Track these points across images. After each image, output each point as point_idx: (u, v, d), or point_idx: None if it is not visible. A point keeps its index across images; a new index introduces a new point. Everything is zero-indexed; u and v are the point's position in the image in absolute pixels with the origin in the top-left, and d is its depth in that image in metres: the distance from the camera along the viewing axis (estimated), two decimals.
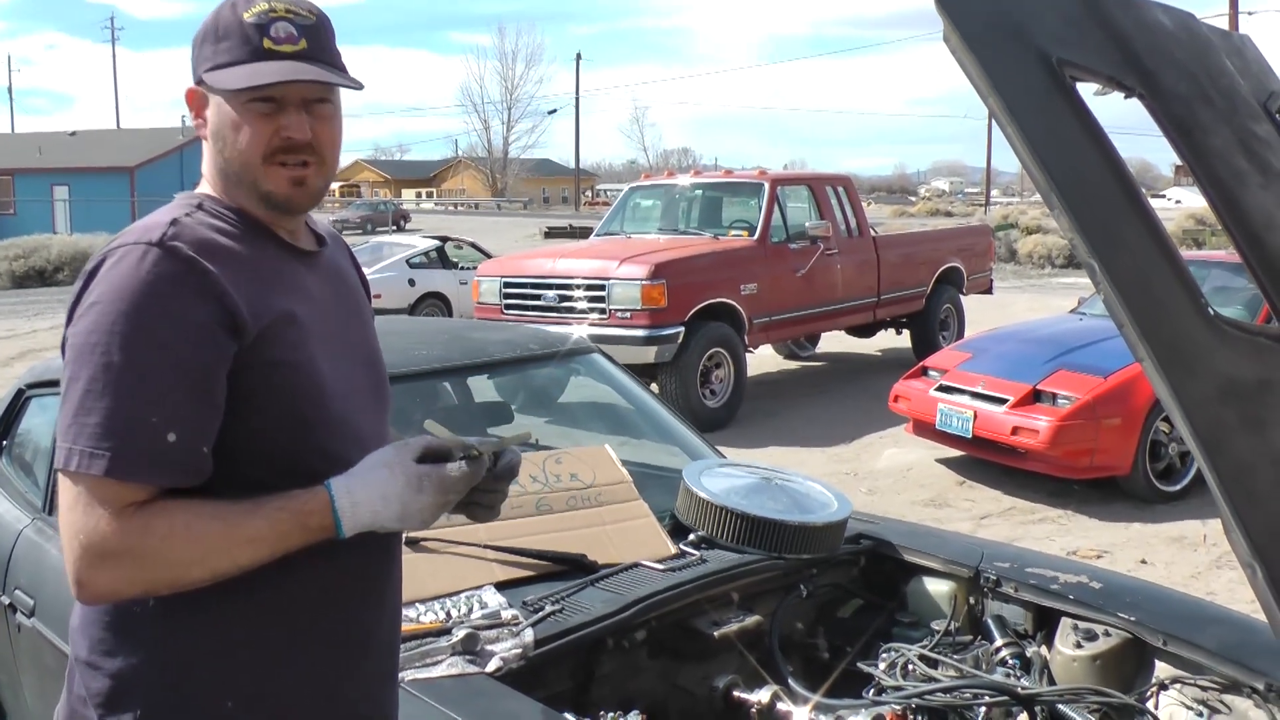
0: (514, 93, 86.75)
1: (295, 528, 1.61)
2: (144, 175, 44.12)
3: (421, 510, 1.65)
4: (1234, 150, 1.87)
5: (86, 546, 1.53)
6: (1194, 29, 2.01)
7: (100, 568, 1.54)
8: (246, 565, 1.59)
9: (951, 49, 1.50)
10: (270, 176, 1.73)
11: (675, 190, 13.09)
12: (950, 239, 15.18)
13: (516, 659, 2.56)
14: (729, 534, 3.20)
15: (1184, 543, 7.15)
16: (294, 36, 1.72)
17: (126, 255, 1.61)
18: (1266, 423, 1.63)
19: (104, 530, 1.53)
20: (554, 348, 4.24)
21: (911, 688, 2.74)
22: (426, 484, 1.65)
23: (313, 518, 1.62)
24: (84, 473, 1.53)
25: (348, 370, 1.80)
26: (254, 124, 1.71)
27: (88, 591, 1.57)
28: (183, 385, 1.57)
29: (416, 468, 1.65)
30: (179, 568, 1.57)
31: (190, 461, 1.58)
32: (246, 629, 1.68)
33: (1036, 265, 29.53)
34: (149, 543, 1.54)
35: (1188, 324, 1.59)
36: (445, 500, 1.68)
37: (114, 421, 1.54)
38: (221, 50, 1.72)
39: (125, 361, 1.55)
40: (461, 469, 1.68)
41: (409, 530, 1.70)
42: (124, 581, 1.56)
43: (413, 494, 1.64)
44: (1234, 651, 2.70)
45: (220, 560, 1.58)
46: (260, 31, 1.71)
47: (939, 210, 56.12)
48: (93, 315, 1.58)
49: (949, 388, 8.69)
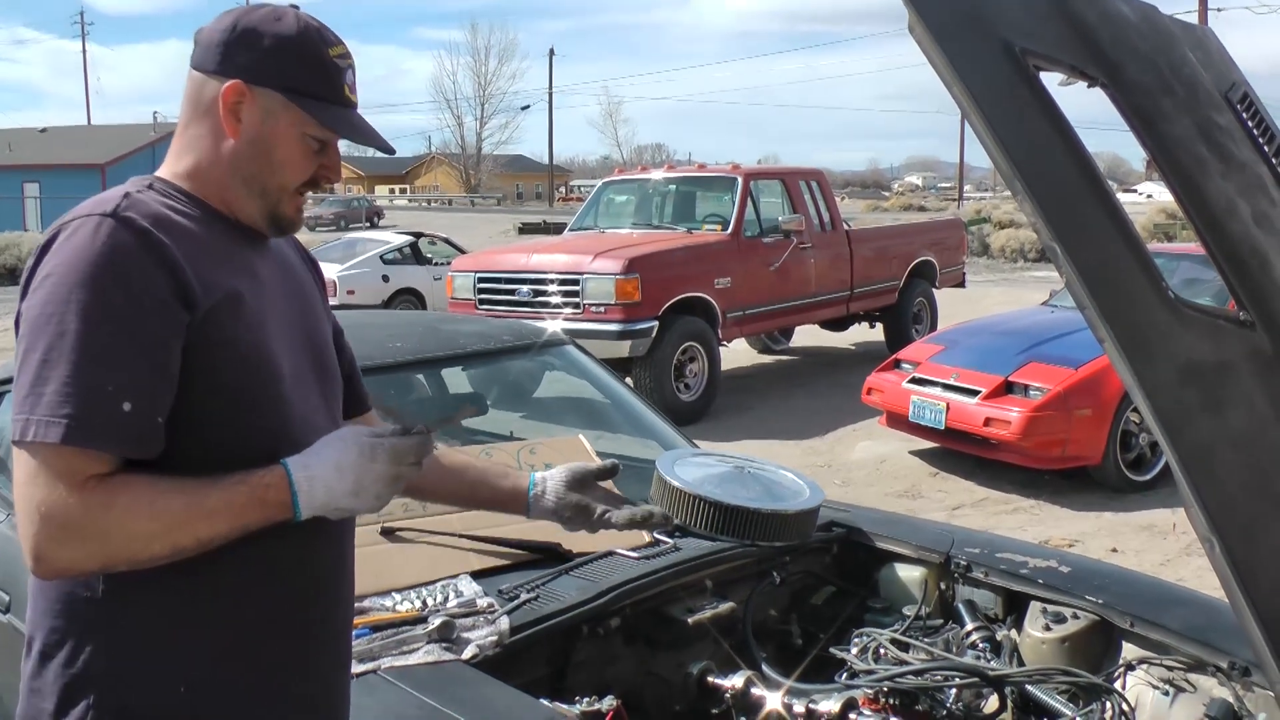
0: (487, 88, 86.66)
1: (253, 502, 1.61)
2: (115, 172, 43.75)
3: (375, 481, 1.65)
4: (1196, 139, 1.90)
5: (47, 519, 1.53)
6: (1156, 21, 2.04)
7: (62, 541, 1.54)
8: (207, 541, 1.59)
9: (917, 39, 1.53)
10: (292, 203, 1.80)
11: (649, 185, 13.11)
12: (923, 233, 15.23)
13: (492, 646, 2.58)
14: (702, 522, 3.21)
15: (1154, 531, 7.22)
16: (354, 87, 1.81)
17: (80, 227, 1.62)
18: (1225, 404, 1.67)
19: (66, 503, 1.52)
20: (528, 340, 4.25)
21: (883, 671, 2.77)
22: (379, 451, 1.65)
23: (270, 492, 1.62)
24: (41, 441, 1.52)
25: (296, 354, 1.81)
26: (304, 156, 1.77)
27: (46, 566, 1.56)
28: (138, 354, 1.58)
29: (369, 438, 1.66)
30: (139, 541, 1.56)
31: (146, 431, 1.59)
32: (197, 617, 1.68)
33: (1009, 259, 29.70)
34: (111, 516, 1.54)
35: (1149, 307, 1.62)
36: (398, 472, 1.67)
37: (70, 389, 1.53)
38: (304, 75, 1.75)
39: (80, 331, 1.55)
40: (412, 439, 1.68)
41: (363, 511, 1.69)
42: (84, 556, 1.56)
43: (366, 463, 1.64)
44: (1198, 632, 2.75)
45: (180, 535, 1.58)
46: (341, 75, 1.78)
47: (912, 205, 56.27)
48: (47, 287, 1.58)
49: (922, 380, 8.75)
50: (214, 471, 1.62)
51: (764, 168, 15.39)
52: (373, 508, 1.69)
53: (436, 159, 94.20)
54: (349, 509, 1.67)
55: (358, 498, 1.65)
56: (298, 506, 1.64)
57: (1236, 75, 2.14)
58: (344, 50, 1.79)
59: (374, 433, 1.68)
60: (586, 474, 2.20)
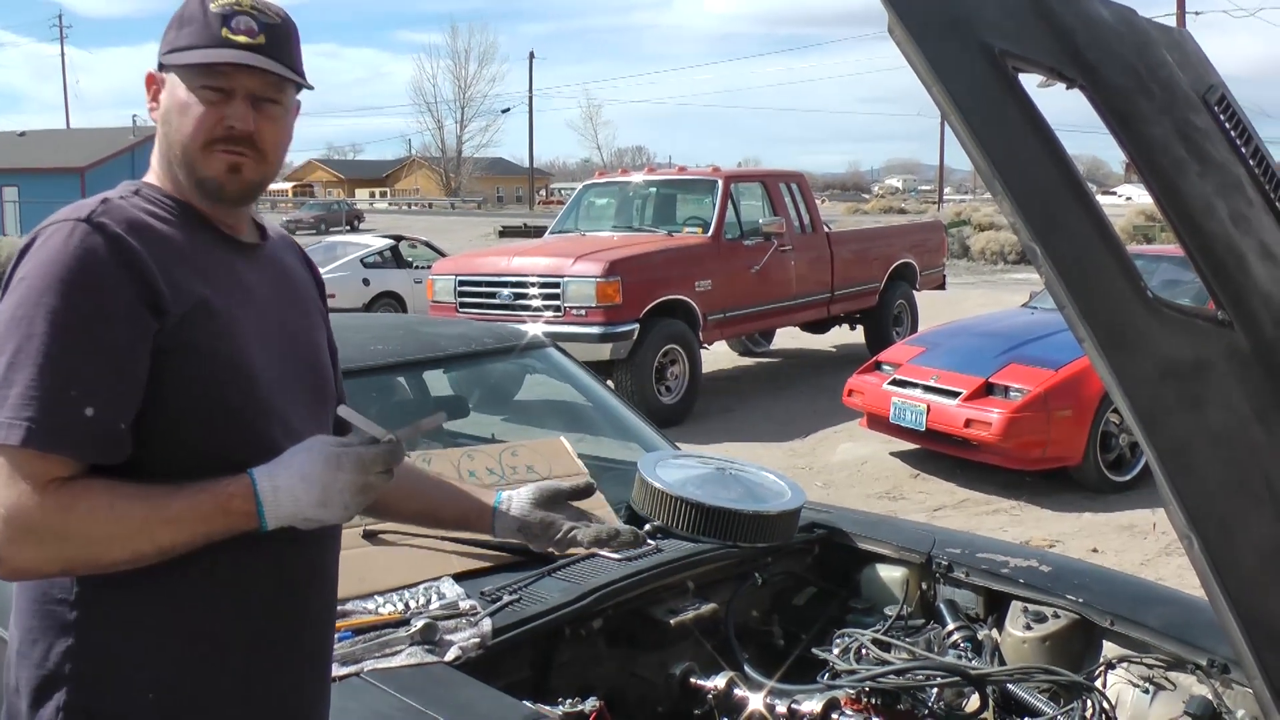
0: (467, 91, 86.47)
1: (216, 510, 1.60)
2: (94, 176, 43.52)
3: (342, 491, 1.63)
4: (1173, 140, 1.91)
5: (8, 520, 1.53)
6: (1134, 23, 2.05)
7: (21, 543, 1.54)
8: (168, 548, 1.59)
9: (896, 40, 1.54)
10: (207, 161, 1.74)
11: (629, 188, 13.12)
12: (903, 235, 15.29)
13: (475, 648, 2.58)
14: (684, 523, 3.22)
15: (1134, 531, 7.26)
16: (253, 30, 1.75)
17: (55, 232, 1.63)
18: (1204, 402, 1.68)
19: (26, 505, 1.53)
20: (510, 342, 4.25)
21: (865, 671, 2.78)
22: (345, 460, 1.63)
23: (234, 501, 1.61)
24: (3, 444, 1.53)
25: (281, 363, 1.80)
26: (201, 109, 1.73)
27: (6, 567, 1.56)
28: (102, 360, 1.58)
29: (334, 447, 1.64)
30: (99, 545, 1.57)
31: (108, 437, 1.59)
32: (166, 625, 1.68)
33: (989, 261, 29.80)
34: (71, 519, 1.55)
35: (1127, 305, 1.63)
36: (365, 481, 1.65)
37: (33, 393, 1.54)
38: (183, 35, 1.75)
39: (47, 335, 1.56)
40: (379, 447, 1.66)
41: (332, 521, 1.67)
42: (43, 558, 1.57)
43: (332, 472, 1.62)
44: (1178, 630, 2.77)
45: (141, 541, 1.58)
46: (222, 21, 1.73)
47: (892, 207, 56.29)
48: (20, 290, 1.60)
49: (902, 382, 8.77)
50: (187, 479, 1.61)
51: (744, 170, 15.44)
52: (342, 518, 1.67)
53: (416, 162, 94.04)
54: (317, 520, 1.66)
55: (325, 508, 1.64)
56: (263, 517, 1.63)
57: (1214, 77, 2.15)
58: (233, 0, 1.75)
59: (341, 442, 1.67)
60: (557, 492, 2.16)
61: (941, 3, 1.67)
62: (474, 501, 2.16)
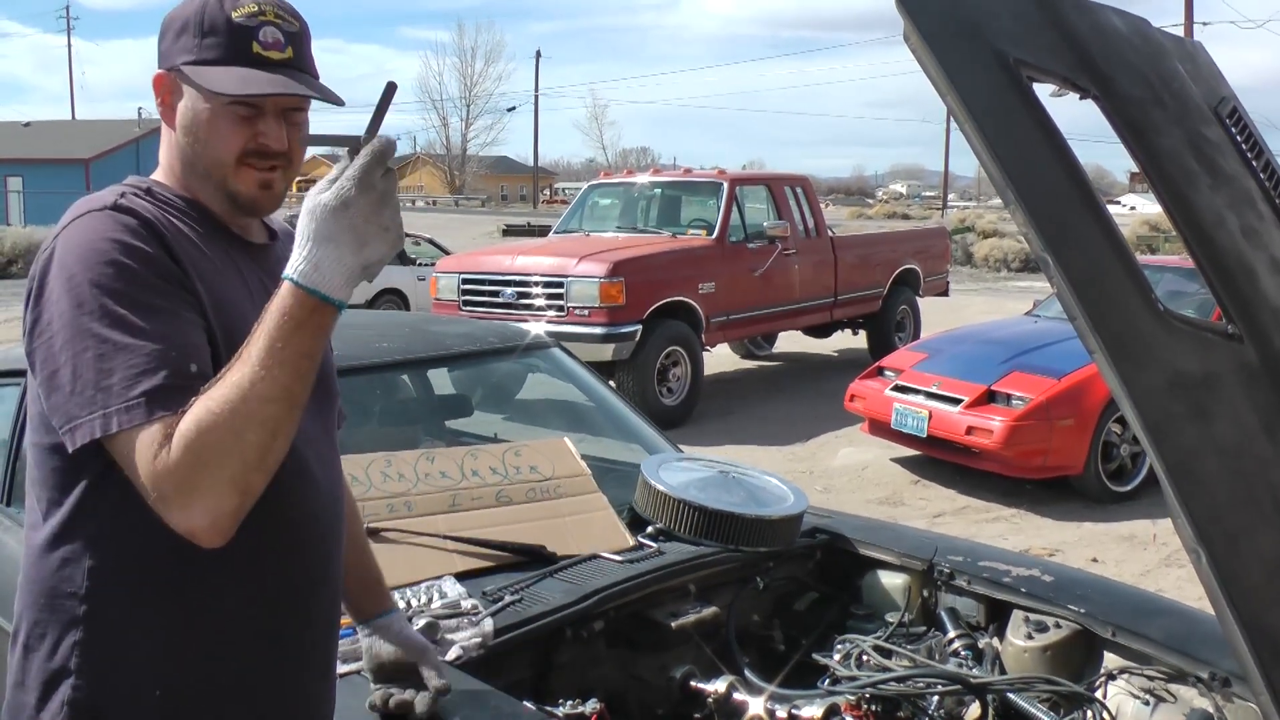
0: (473, 89, 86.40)
1: (291, 328, 1.52)
2: (99, 167, 43.51)
3: (367, 220, 1.55)
4: (1185, 152, 1.91)
5: (178, 489, 1.50)
6: (1148, 34, 2.05)
7: (187, 505, 1.50)
8: (290, 384, 1.52)
9: (911, 47, 1.54)
10: (240, 178, 1.73)
11: (634, 189, 13.12)
12: (907, 241, 15.29)
13: (476, 648, 2.58)
14: (686, 527, 3.23)
15: (1134, 541, 7.25)
16: (280, 43, 1.72)
17: (84, 222, 1.63)
18: (1211, 414, 1.67)
19: (169, 467, 1.49)
20: (513, 342, 4.25)
21: (865, 678, 2.78)
22: (345, 191, 1.55)
23: (294, 310, 1.53)
24: (129, 429, 1.51)
25: None
26: (232, 126, 1.71)
27: (207, 534, 1.52)
28: (178, 319, 1.59)
29: (327, 192, 1.56)
30: (235, 445, 1.50)
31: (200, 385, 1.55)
32: (177, 622, 1.67)
33: (992, 268, 29.77)
34: (199, 446, 1.49)
35: (1138, 318, 1.63)
36: (378, 193, 1.57)
37: (145, 364, 1.53)
38: (207, 46, 1.70)
39: (118, 311, 1.55)
40: (364, 154, 1.58)
41: (390, 250, 1.59)
42: (216, 495, 1.50)
43: (345, 212, 1.54)
44: (1179, 642, 2.76)
45: (258, 409, 1.50)
46: (249, 34, 1.70)
47: (896, 213, 56.34)
48: (72, 291, 1.57)
49: (904, 388, 8.77)
50: None
51: (749, 173, 15.42)
52: (395, 242, 1.60)
53: (421, 160, 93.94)
54: (377, 258, 1.57)
55: (369, 245, 1.56)
56: (327, 297, 1.54)
57: (1225, 89, 2.15)
58: (255, 9, 1.71)
59: (328, 180, 1.58)
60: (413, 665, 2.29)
61: (957, 10, 1.67)
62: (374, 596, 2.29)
